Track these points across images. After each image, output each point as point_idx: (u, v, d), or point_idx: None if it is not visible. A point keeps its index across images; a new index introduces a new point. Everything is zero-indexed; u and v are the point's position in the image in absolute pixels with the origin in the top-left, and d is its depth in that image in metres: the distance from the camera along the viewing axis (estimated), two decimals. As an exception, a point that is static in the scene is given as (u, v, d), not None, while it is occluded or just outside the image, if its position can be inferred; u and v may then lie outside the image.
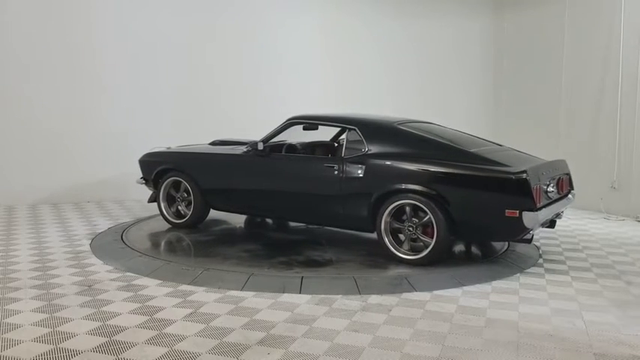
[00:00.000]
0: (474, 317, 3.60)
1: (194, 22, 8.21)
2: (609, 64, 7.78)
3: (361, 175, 4.86)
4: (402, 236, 4.80)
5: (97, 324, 3.34)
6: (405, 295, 4.02)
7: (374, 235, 4.99)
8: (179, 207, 6.02)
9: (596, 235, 6.27)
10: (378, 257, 4.87)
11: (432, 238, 4.58)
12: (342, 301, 3.85)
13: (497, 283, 4.36)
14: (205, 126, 7.98)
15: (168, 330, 3.28)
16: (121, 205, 7.42)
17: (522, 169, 4.42)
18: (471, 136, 5.67)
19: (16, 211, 6.95)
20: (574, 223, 6.94)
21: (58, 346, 3.02)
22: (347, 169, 4.93)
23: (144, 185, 6.30)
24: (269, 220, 6.59)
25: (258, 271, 4.40)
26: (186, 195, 5.96)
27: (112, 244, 5.27)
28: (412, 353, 3.04)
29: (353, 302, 3.84)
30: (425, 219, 4.61)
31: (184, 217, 5.98)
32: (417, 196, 4.60)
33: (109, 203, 7.59)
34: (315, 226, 6.12)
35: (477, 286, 4.28)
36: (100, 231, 5.89)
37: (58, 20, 7.47)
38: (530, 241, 4.57)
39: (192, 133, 7.56)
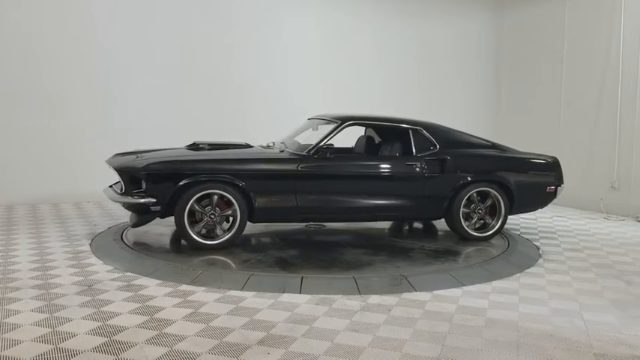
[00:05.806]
0: (474, 317, 3.60)
1: (193, 22, 8.20)
2: (609, 63, 7.78)
3: (441, 171, 5.49)
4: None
5: (97, 324, 3.34)
6: (405, 295, 4.02)
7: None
8: (216, 226, 5.07)
9: (596, 235, 6.27)
10: (460, 240, 5.64)
11: (492, 218, 5.65)
12: (342, 301, 3.85)
13: (497, 283, 4.36)
14: (204, 126, 7.98)
15: (168, 330, 3.28)
16: (120, 206, 7.39)
17: (553, 156, 6.04)
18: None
19: (16, 211, 6.95)
20: (574, 223, 6.94)
21: (58, 346, 3.02)
22: (427, 166, 5.46)
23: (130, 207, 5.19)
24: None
25: (260, 272, 4.40)
26: (219, 210, 5.02)
27: (112, 244, 5.26)
28: (412, 353, 3.04)
29: (353, 302, 3.84)
30: (489, 202, 5.63)
31: (217, 238, 5.05)
32: (490, 184, 5.56)
33: (109, 203, 7.57)
34: (317, 226, 6.13)
35: (477, 286, 4.28)
36: (100, 231, 5.88)
37: (57, 21, 7.48)
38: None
39: (191, 133, 7.55)
